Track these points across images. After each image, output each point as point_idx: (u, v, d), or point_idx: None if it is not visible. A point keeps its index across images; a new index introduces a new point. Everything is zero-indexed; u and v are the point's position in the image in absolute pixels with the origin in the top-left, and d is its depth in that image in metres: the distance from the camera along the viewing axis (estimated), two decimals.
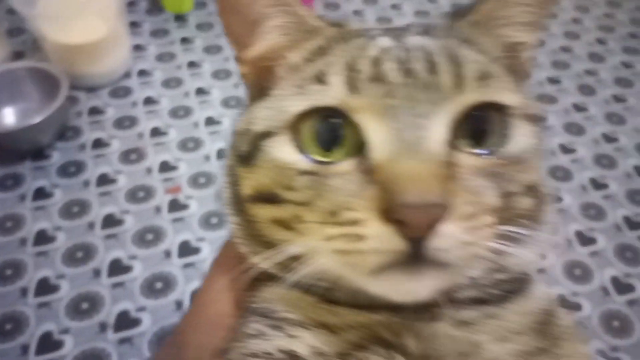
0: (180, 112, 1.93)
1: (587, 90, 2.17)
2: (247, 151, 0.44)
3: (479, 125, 0.40)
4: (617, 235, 1.64)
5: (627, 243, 1.62)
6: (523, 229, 0.41)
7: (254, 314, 0.45)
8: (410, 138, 0.37)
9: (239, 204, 0.47)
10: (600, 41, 2.41)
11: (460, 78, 0.39)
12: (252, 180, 0.43)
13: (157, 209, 1.63)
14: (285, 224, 0.41)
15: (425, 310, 0.41)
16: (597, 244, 1.62)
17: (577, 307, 1.47)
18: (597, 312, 1.46)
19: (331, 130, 0.40)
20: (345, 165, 0.39)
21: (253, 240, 0.46)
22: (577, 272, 1.55)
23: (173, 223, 1.59)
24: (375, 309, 0.41)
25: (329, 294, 0.43)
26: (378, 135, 0.38)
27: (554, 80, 2.18)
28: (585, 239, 1.62)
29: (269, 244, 0.43)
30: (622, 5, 2.66)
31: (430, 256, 0.35)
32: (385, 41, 0.42)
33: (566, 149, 1.90)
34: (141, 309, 1.41)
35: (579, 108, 2.07)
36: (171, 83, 2.03)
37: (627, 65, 2.30)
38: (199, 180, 1.71)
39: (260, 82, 0.48)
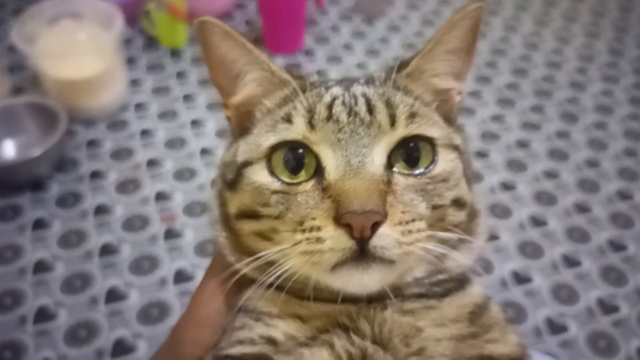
0: (175, 144, 1.99)
1: (531, 127, 2.20)
2: (232, 178, 0.55)
3: (411, 153, 0.51)
4: (554, 273, 1.65)
5: (563, 283, 1.63)
6: (455, 235, 0.51)
7: (239, 311, 0.55)
8: (354, 163, 0.49)
9: (227, 221, 0.57)
10: (548, 78, 2.46)
11: (393, 117, 0.51)
12: (237, 202, 0.54)
13: (153, 238, 1.67)
14: (264, 235, 0.53)
15: (376, 301, 0.51)
16: (533, 282, 1.64)
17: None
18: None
19: (296, 158, 0.51)
20: (307, 185, 0.50)
21: (238, 251, 0.56)
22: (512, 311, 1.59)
23: (169, 251, 1.63)
24: (337, 301, 0.51)
25: (300, 292, 0.52)
26: (331, 161, 0.50)
27: (497, 118, 2.21)
28: (521, 279, 1.62)
29: (251, 254, 0.52)
30: (600, 36, 2.77)
31: (374, 253, 0.46)
32: (336, 90, 0.55)
33: (507, 186, 1.92)
34: (137, 335, 1.44)
35: (521, 144, 2.10)
36: (167, 115, 2.10)
37: (572, 101, 2.33)
38: (194, 209, 1.76)
39: (242, 123, 0.59)
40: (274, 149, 0.52)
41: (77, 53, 1.96)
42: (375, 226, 0.46)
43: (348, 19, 2.73)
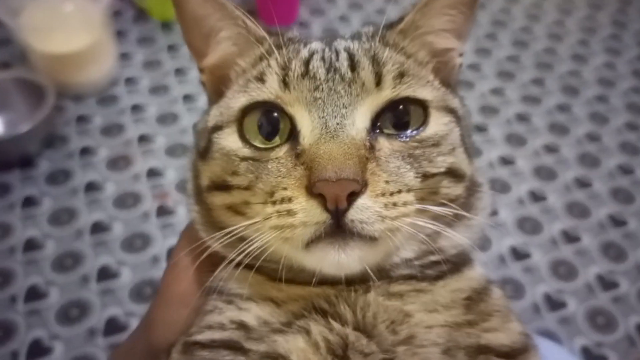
0: (167, 119, 1.94)
1: (531, 100, 2.17)
2: (204, 146, 0.51)
3: (401, 117, 0.46)
4: (553, 249, 1.62)
5: (562, 259, 1.60)
6: (450, 210, 0.45)
7: (211, 292, 0.50)
8: (332, 125, 0.43)
9: (199, 194, 0.53)
10: (549, 51, 2.42)
11: (379, 76, 0.45)
12: (208, 172, 0.50)
13: (146, 215, 1.64)
14: (235, 209, 0.48)
15: (358, 283, 0.46)
16: (531, 258, 1.61)
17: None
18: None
19: (271, 122, 0.46)
20: (280, 151, 0.45)
21: (211, 226, 0.51)
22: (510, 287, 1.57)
23: (161, 229, 1.60)
24: (313, 283, 0.46)
25: (274, 273, 0.48)
26: (306, 123, 0.44)
27: (497, 92, 2.17)
28: (519, 255, 1.60)
29: (223, 229, 0.48)
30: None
31: (351, 227, 0.41)
32: (316, 45, 0.49)
33: (506, 161, 1.88)
34: (130, 314, 1.41)
35: (521, 118, 2.06)
36: (158, 90, 2.05)
37: (574, 73, 2.29)
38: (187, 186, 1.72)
39: (218, 87, 0.54)
40: (246, 111, 0.47)
41: (64, 26, 1.90)
42: (352, 197, 0.40)
43: None
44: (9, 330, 1.36)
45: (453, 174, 0.47)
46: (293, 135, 0.45)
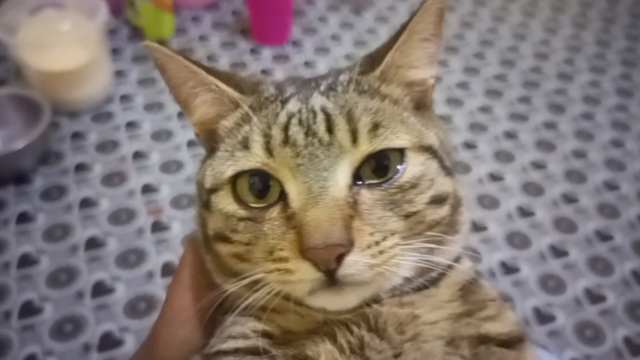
0: (162, 136, 1.96)
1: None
2: (205, 201, 0.54)
3: (380, 162, 0.48)
4: (541, 264, 1.66)
5: (550, 273, 1.63)
6: (435, 239, 0.49)
7: (228, 312, 0.53)
8: (315, 189, 0.46)
9: (208, 242, 0.55)
10: (536, 69, 2.47)
11: (355, 133, 0.47)
12: (212, 224, 0.53)
13: (140, 231, 1.65)
14: (241, 258, 0.51)
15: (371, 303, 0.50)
16: (521, 272, 1.64)
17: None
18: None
19: (262, 181, 0.49)
20: (273, 212, 0.48)
21: (222, 272, 0.54)
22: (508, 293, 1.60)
23: (156, 244, 1.62)
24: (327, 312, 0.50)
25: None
26: (293, 188, 0.47)
27: (485, 109, 2.22)
28: (509, 269, 1.63)
29: (234, 274, 0.51)
30: (587, 27, 2.78)
31: (343, 280, 0.45)
32: (292, 106, 0.51)
33: (494, 177, 1.92)
34: (125, 329, 1.42)
35: (509, 135, 2.11)
36: (153, 107, 2.07)
37: (560, 91, 2.35)
38: (181, 202, 1.74)
39: (209, 140, 0.56)
40: (236, 177, 0.50)
41: (60, 43, 1.92)
42: (341, 257, 0.44)
43: (336, 10, 2.71)
44: (3, 346, 1.37)
45: (435, 201, 0.50)
46: (283, 194, 0.48)
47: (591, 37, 2.70)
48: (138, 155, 1.88)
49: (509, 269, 1.63)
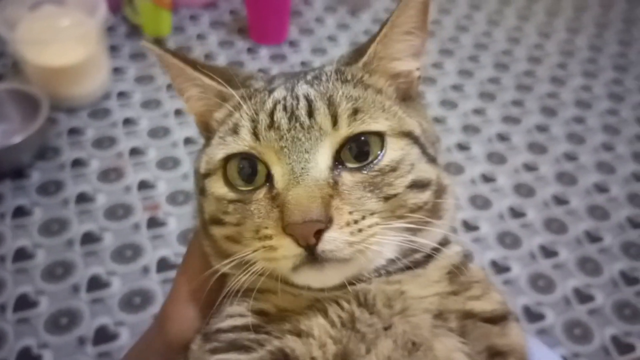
0: (159, 132, 1.98)
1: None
2: (201, 187, 0.57)
3: (361, 147, 0.51)
4: (532, 263, 1.69)
5: (540, 272, 1.66)
6: (416, 221, 0.51)
7: (226, 297, 0.56)
8: (297, 170, 0.49)
9: (206, 227, 0.58)
10: (529, 73, 2.51)
11: (335, 117, 0.50)
12: (207, 208, 0.56)
13: (136, 226, 1.66)
14: (233, 239, 0.54)
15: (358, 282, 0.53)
16: (511, 271, 1.67)
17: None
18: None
19: (250, 165, 0.52)
20: (260, 194, 0.51)
21: (218, 255, 0.57)
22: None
23: (152, 240, 1.63)
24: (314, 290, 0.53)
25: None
26: (278, 169, 0.50)
27: (478, 112, 2.25)
28: (500, 268, 1.66)
29: (227, 256, 0.54)
30: (580, 32, 2.82)
31: (323, 256, 0.47)
32: (279, 94, 0.54)
33: (487, 178, 1.95)
34: (120, 323, 1.44)
35: (502, 137, 2.14)
36: (150, 104, 2.09)
37: (552, 95, 2.39)
38: (177, 198, 1.75)
39: (205, 131, 0.60)
40: (227, 160, 0.53)
41: (60, 39, 1.94)
42: (319, 233, 0.46)
43: (333, 11, 2.73)
44: None
45: (416, 185, 0.52)
46: (269, 177, 0.51)
47: (584, 42, 2.74)
48: (135, 152, 1.90)
49: (499, 268, 1.65)
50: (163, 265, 1.57)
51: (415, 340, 0.50)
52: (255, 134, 0.51)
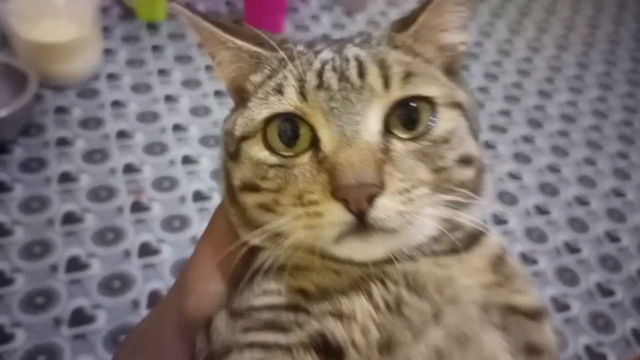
0: (147, 117, 1.95)
1: (535, 123, 2.35)
2: (233, 151, 0.54)
3: (409, 114, 0.49)
4: (557, 257, 1.79)
5: (565, 266, 1.77)
6: (462, 196, 0.49)
7: (256, 273, 0.52)
8: (348, 132, 0.46)
9: (233, 194, 0.55)
10: (549, 80, 2.62)
11: (386, 79, 0.48)
12: (239, 174, 0.53)
13: (119, 209, 1.64)
14: (267, 207, 0.51)
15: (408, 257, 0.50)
16: (538, 264, 1.76)
17: None
18: None
19: (292, 129, 0.49)
20: (304, 158, 0.48)
21: (247, 225, 0.54)
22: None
23: (134, 224, 1.61)
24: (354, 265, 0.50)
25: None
26: (326, 132, 0.47)
27: (504, 113, 2.36)
28: (528, 260, 1.76)
29: (258, 227, 0.51)
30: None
31: (374, 224, 0.45)
32: (326, 55, 0.52)
33: (514, 177, 2.06)
34: (97, 306, 1.41)
35: (527, 140, 2.25)
36: (140, 88, 2.06)
37: (572, 103, 2.51)
38: (163, 184, 1.73)
39: (238, 94, 0.57)
40: (268, 121, 0.50)
41: (53, 16, 1.91)
42: (372, 198, 0.44)
43: (329, 10, 2.74)
44: None
45: (463, 161, 0.51)
46: (315, 141, 0.48)
47: (599, 57, 2.91)
48: (122, 135, 1.87)
49: (528, 260, 1.76)
50: (145, 250, 1.55)
51: (467, 332, 0.47)
52: (303, 94, 0.48)
